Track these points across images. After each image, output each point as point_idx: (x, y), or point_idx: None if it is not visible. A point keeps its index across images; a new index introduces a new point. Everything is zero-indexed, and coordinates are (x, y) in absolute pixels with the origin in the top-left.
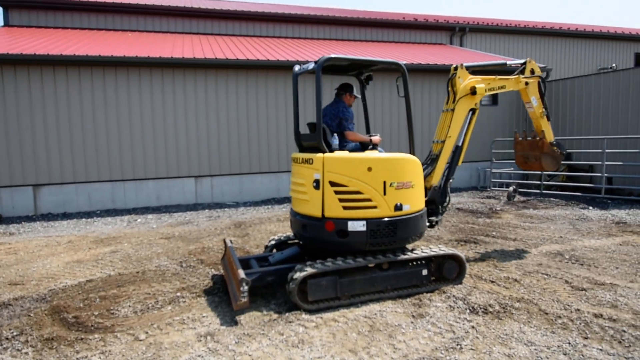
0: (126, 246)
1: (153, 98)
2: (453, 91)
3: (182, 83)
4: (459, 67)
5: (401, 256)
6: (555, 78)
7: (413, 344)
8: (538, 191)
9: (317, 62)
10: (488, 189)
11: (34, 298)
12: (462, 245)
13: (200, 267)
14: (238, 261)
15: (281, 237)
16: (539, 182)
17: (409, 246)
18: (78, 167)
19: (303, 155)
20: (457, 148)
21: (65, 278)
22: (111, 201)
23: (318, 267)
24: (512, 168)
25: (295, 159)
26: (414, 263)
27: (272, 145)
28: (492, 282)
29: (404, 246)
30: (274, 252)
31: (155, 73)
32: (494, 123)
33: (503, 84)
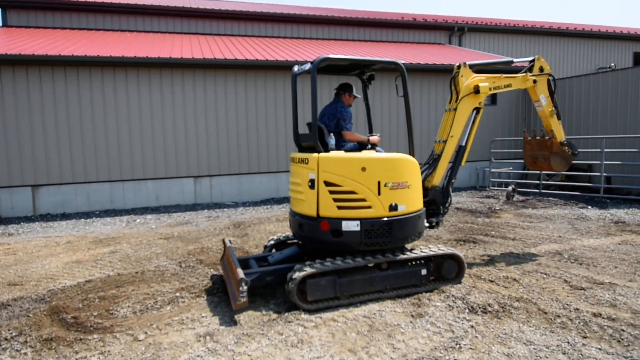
0: (125, 246)
1: (152, 98)
2: (456, 90)
3: (181, 83)
4: (462, 66)
5: (400, 256)
6: (554, 78)
7: (412, 344)
8: (537, 191)
9: (313, 63)
10: (487, 189)
11: (33, 298)
12: (461, 244)
13: (199, 267)
14: (237, 261)
15: (280, 237)
16: (538, 182)
17: (408, 246)
18: (77, 168)
19: (300, 155)
20: (461, 148)
21: (64, 278)
22: (110, 201)
23: (317, 267)
24: (511, 167)
25: (292, 159)
26: (413, 263)
27: (271, 145)
28: (491, 282)
29: (403, 246)
30: (273, 252)
31: (153, 73)
32: (493, 123)
33: (509, 82)
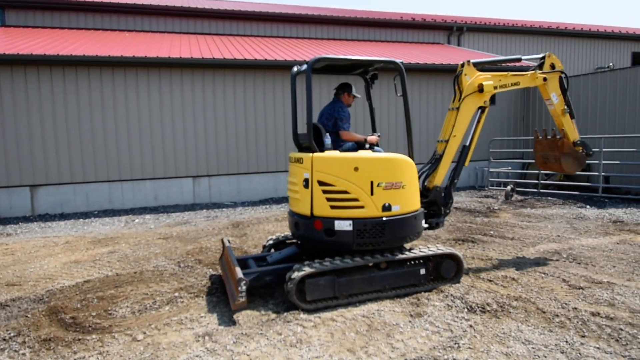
0: (124, 246)
1: (150, 98)
2: (459, 89)
3: (180, 83)
4: (466, 64)
5: (399, 255)
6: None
7: (411, 343)
8: (536, 190)
9: (308, 63)
10: (486, 188)
11: (32, 299)
12: (460, 244)
13: (198, 267)
14: (236, 261)
15: (279, 237)
16: (537, 181)
17: (407, 245)
18: (75, 168)
19: (296, 154)
20: (464, 148)
21: (62, 279)
22: (109, 201)
23: (316, 267)
24: (510, 167)
25: (290, 159)
26: (412, 262)
27: (270, 145)
28: (490, 281)
29: (402, 245)
30: (272, 252)
31: (152, 73)
32: (492, 122)
33: (517, 80)
